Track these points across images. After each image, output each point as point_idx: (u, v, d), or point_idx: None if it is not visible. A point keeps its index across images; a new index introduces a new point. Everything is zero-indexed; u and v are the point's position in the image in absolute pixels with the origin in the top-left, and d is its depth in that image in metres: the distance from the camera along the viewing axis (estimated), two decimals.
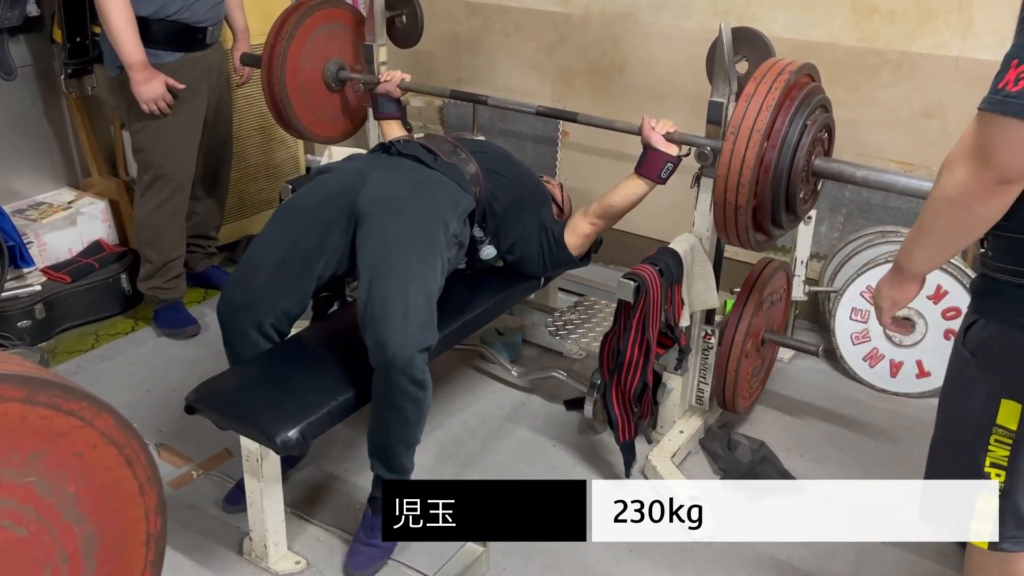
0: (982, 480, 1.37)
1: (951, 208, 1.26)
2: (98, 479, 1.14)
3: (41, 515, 1.08)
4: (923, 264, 1.41)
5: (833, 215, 2.93)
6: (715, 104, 2.10)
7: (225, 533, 2.10)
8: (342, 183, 2.10)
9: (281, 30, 2.69)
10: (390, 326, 1.82)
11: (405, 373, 1.82)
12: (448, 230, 2.03)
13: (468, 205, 2.14)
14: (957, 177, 1.22)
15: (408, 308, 1.84)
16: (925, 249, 1.37)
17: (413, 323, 1.83)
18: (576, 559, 2.04)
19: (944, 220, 1.29)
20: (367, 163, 2.19)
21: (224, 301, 2.04)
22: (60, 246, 3.05)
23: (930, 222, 1.32)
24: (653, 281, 2.06)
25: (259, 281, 2.00)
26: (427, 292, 1.89)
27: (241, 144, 3.34)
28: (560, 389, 2.65)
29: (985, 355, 1.35)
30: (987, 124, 1.17)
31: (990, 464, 1.36)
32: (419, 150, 2.20)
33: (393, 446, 1.93)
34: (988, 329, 1.34)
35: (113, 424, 1.14)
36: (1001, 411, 1.33)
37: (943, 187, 1.25)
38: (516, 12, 3.34)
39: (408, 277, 1.88)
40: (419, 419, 1.92)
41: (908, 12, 2.62)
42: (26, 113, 3.10)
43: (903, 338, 2.65)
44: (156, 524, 1.23)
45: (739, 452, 2.34)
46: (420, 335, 1.84)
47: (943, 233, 1.31)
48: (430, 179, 2.12)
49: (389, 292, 1.85)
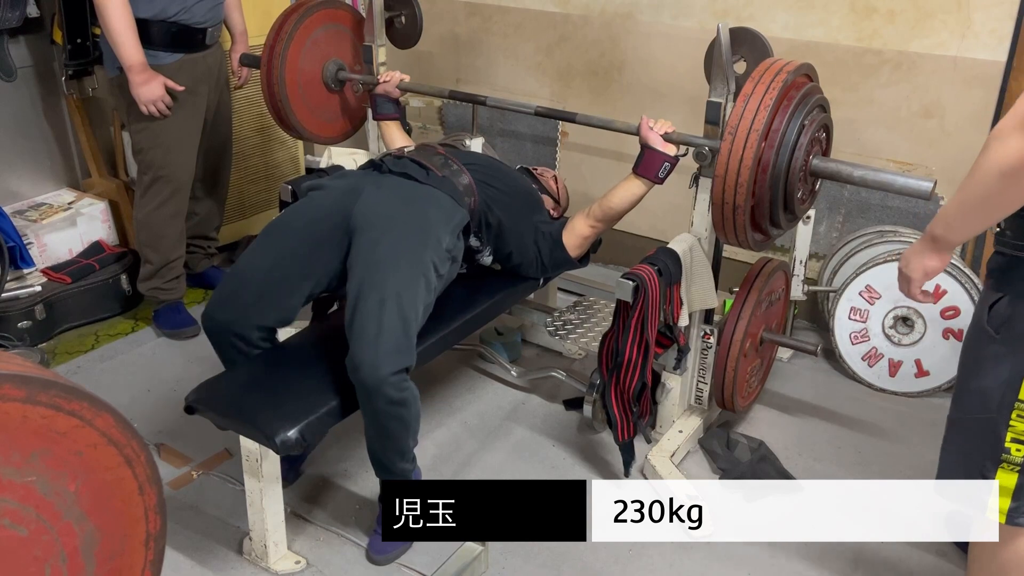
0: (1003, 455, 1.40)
1: (1000, 179, 1.26)
2: (98, 478, 1.14)
3: (41, 514, 1.09)
4: (962, 233, 1.42)
5: (832, 215, 2.94)
6: (713, 104, 2.11)
7: (225, 533, 2.11)
8: (333, 201, 2.09)
9: (280, 31, 2.69)
10: (363, 349, 1.82)
11: (380, 394, 1.83)
12: (441, 246, 2.02)
13: (462, 219, 2.13)
14: (1008, 147, 1.23)
15: (381, 331, 1.83)
16: (968, 219, 1.38)
17: (385, 347, 1.82)
18: (575, 559, 2.04)
19: (992, 190, 1.29)
20: (358, 181, 2.16)
21: (208, 317, 2.03)
22: (60, 247, 3.05)
23: (977, 192, 1.31)
24: (652, 281, 2.06)
25: (245, 300, 2.01)
26: (403, 315, 1.87)
27: (241, 145, 3.35)
28: (559, 389, 2.65)
29: (1009, 331, 1.37)
30: None
31: (1011, 439, 1.39)
32: (410, 167, 2.18)
33: (387, 456, 1.96)
34: (1012, 305, 1.36)
35: (113, 424, 1.15)
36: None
37: (993, 158, 1.25)
38: (515, 12, 3.34)
39: (385, 300, 1.86)
40: (405, 432, 1.92)
41: (906, 12, 2.62)
42: (26, 114, 3.11)
43: (902, 337, 2.65)
44: (156, 524, 1.23)
45: (738, 451, 2.35)
46: (391, 359, 1.82)
47: (990, 203, 1.31)
48: (423, 195, 2.11)
49: (366, 314, 1.85)
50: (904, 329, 2.65)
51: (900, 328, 2.66)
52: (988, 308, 1.41)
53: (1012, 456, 1.39)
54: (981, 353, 1.44)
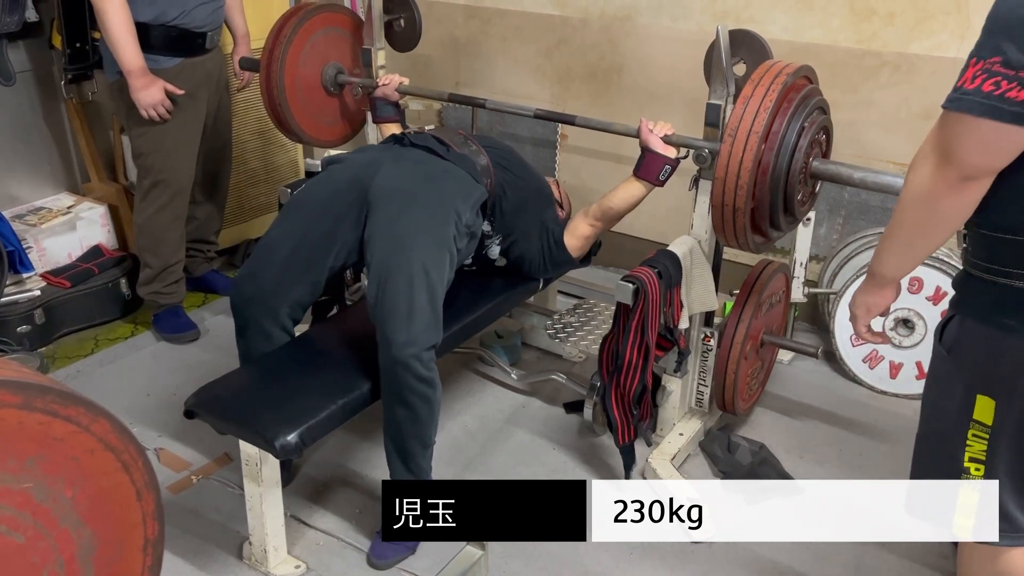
0: (963, 474, 1.39)
1: (916, 206, 1.27)
2: (95, 484, 1.14)
3: (38, 521, 1.08)
4: (895, 268, 1.42)
5: (832, 217, 2.93)
6: (713, 106, 2.11)
7: (225, 538, 2.10)
8: (352, 175, 2.11)
9: (279, 34, 2.69)
10: (395, 327, 1.87)
11: (411, 371, 1.87)
12: (461, 220, 2.04)
13: (481, 195, 2.15)
14: (921, 175, 1.24)
15: (413, 309, 1.88)
16: (895, 251, 1.38)
17: (417, 324, 1.88)
18: (575, 562, 2.04)
19: (911, 219, 1.30)
20: (379, 154, 2.20)
21: (237, 293, 2.08)
22: (59, 251, 3.05)
23: (898, 222, 1.33)
24: (652, 283, 2.06)
25: (271, 274, 2.04)
26: (432, 292, 1.92)
27: (240, 148, 3.35)
28: (559, 392, 2.65)
29: (959, 352, 1.36)
30: (947, 121, 1.19)
31: (969, 459, 1.38)
32: (431, 141, 2.22)
33: (409, 444, 1.96)
34: (962, 326, 1.36)
35: (110, 429, 1.14)
36: (977, 406, 1.35)
37: (909, 186, 1.27)
38: (514, 15, 3.34)
39: (414, 277, 1.91)
40: (430, 416, 1.95)
41: (906, 13, 2.62)
42: (25, 118, 3.10)
43: (903, 339, 2.65)
44: (154, 529, 1.23)
45: (739, 454, 2.34)
46: (424, 335, 1.89)
47: (911, 233, 1.32)
48: (442, 169, 2.14)
49: (396, 293, 1.90)
50: (905, 331, 2.65)
51: (901, 330, 2.65)
52: (941, 328, 1.40)
53: (971, 476, 1.38)
54: (937, 373, 1.43)
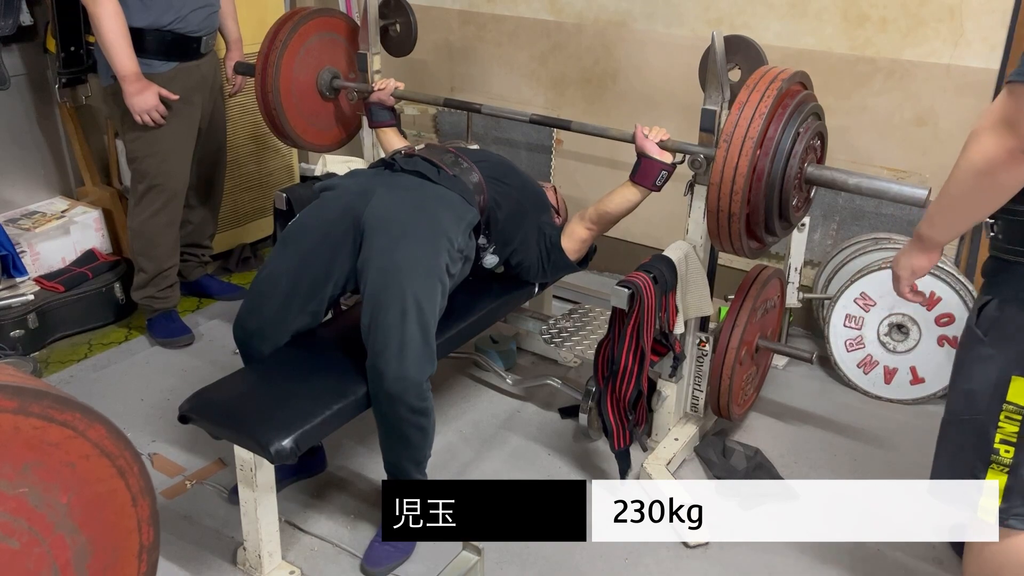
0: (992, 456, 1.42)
1: (976, 177, 1.30)
2: (91, 490, 1.13)
3: (33, 527, 1.08)
4: (945, 233, 1.47)
5: (826, 222, 2.94)
6: (708, 112, 2.11)
7: (219, 543, 2.09)
8: (346, 203, 2.10)
9: (275, 39, 2.69)
10: (387, 360, 1.88)
11: (404, 403, 1.89)
12: (453, 247, 2.05)
13: (473, 219, 2.15)
14: (983, 146, 1.26)
15: (405, 342, 1.89)
16: (948, 218, 1.43)
17: (410, 357, 1.88)
18: (572, 567, 2.04)
19: (969, 188, 1.33)
20: (370, 181, 2.18)
21: (240, 328, 2.09)
22: (53, 255, 3.04)
23: (954, 190, 1.36)
24: (647, 288, 2.06)
25: (272, 307, 2.05)
26: (424, 324, 1.92)
27: (235, 153, 3.34)
28: (555, 397, 2.65)
29: (997, 334, 1.40)
30: (1014, 94, 1.21)
31: (1000, 440, 1.42)
32: (422, 165, 2.20)
33: (403, 464, 2.00)
34: (1000, 308, 1.39)
35: (106, 435, 1.14)
36: (1012, 388, 1.39)
37: (969, 156, 1.29)
38: (509, 21, 3.35)
39: (407, 310, 1.90)
40: (423, 441, 1.98)
41: (899, 20, 2.63)
42: (19, 122, 3.10)
43: (897, 344, 2.65)
44: (149, 535, 1.22)
45: (734, 459, 2.34)
46: (416, 368, 1.89)
47: (965, 201, 1.36)
48: (434, 195, 2.13)
49: (388, 327, 1.90)
50: (899, 336, 2.66)
51: (895, 335, 2.66)
52: (978, 310, 1.45)
53: (1001, 457, 1.42)
54: (970, 355, 1.47)
